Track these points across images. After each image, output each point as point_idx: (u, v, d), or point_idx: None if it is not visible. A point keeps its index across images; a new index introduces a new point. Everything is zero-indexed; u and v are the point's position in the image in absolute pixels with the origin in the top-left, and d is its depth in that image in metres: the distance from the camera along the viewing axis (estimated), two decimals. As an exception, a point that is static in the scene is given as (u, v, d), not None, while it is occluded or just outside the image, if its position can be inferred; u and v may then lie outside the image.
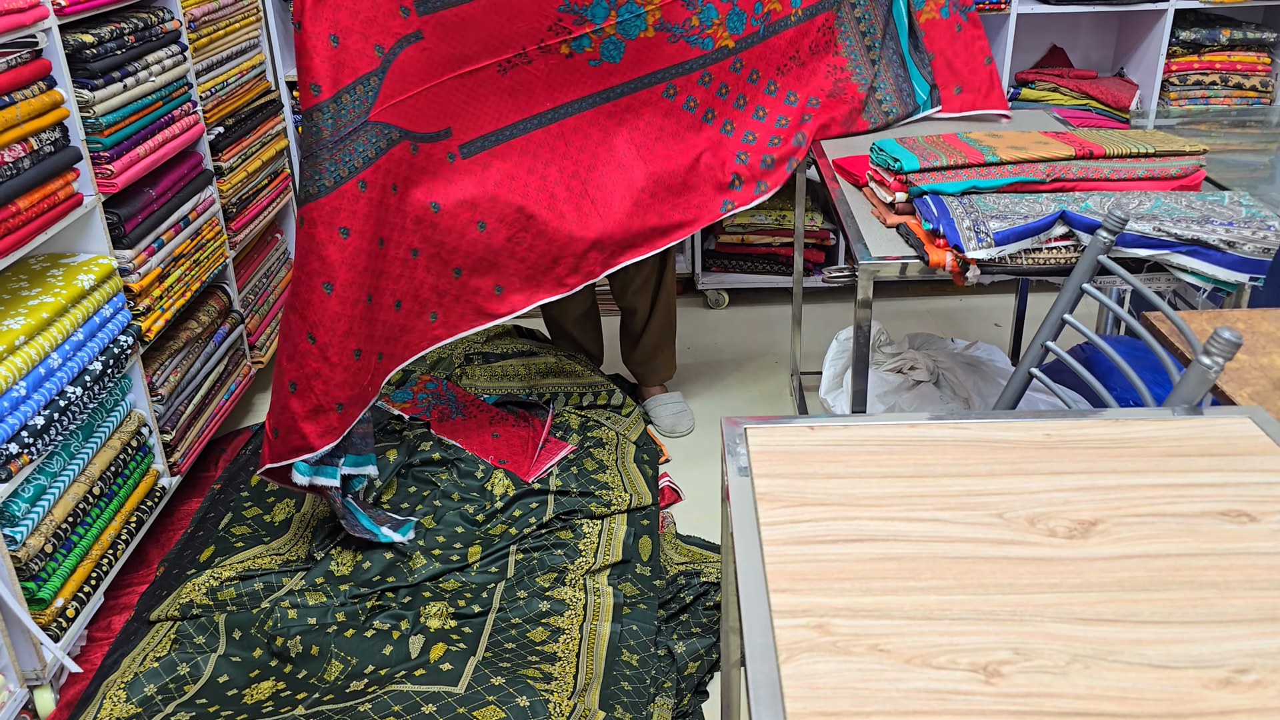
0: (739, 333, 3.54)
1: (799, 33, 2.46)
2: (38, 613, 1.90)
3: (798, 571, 1.00)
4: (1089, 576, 0.98)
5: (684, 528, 2.50)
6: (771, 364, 3.30)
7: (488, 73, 2.18)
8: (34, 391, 1.88)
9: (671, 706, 1.93)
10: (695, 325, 3.59)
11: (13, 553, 1.85)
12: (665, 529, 2.47)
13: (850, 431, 1.25)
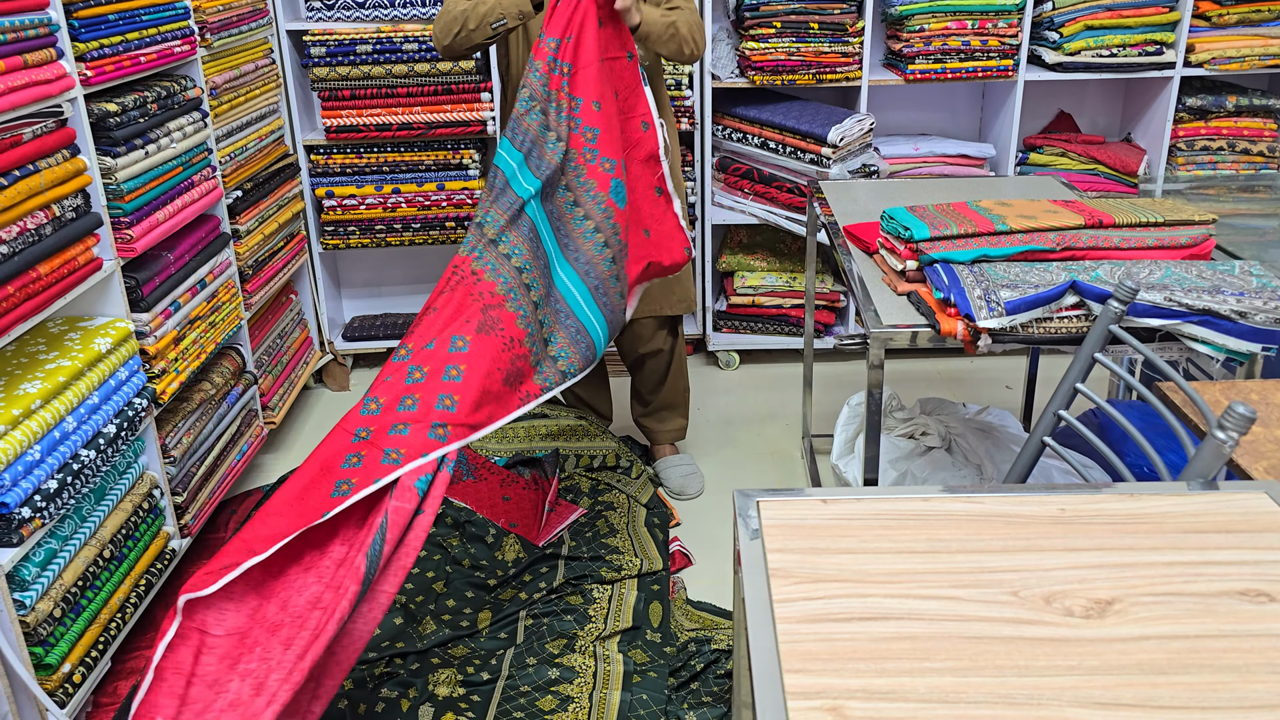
0: (750, 394, 3.54)
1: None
2: (44, 678, 1.89)
3: (810, 651, 0.99)
4: (1107, 658, 0.97)
5: (695, 593, 2.47)
6: (783, 426, 3.29)
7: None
8: (48, 455, 1.89)
9: (682, 779, 1.90)
10: (706, 386, 3.59)
11: (22, 618, 1.84)
12: (676, 594, 2.45)
13: (863, 505, 1.24)
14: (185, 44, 2.53)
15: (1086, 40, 3.34)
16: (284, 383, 3.17)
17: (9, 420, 1.79)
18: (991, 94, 3.72)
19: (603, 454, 2.94)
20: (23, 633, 1.84)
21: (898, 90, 3.74)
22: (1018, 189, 2.63)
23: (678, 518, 2.78)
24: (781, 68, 3.32)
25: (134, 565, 2.21)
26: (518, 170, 2.09)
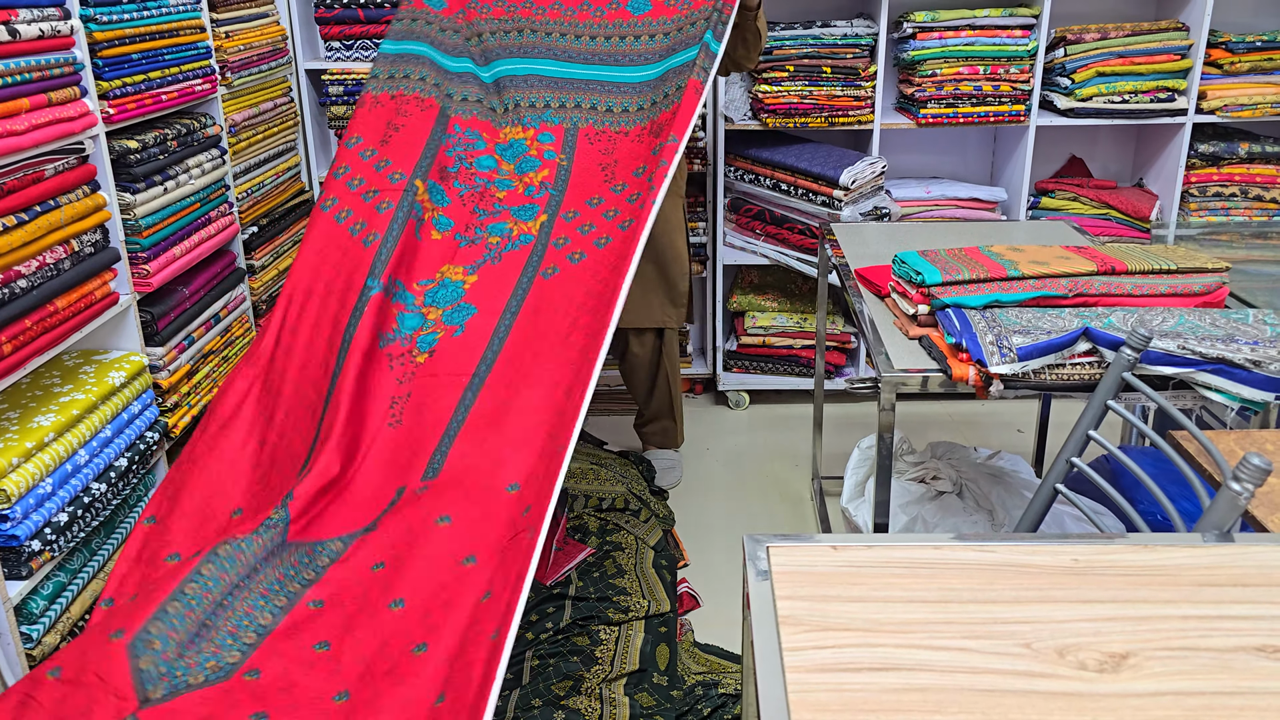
0: (760, 434, 3.53)
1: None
2: (49, 713, 1.88)
3: (821, 701, 0.98)
4: (1122, 714, 0.96)
5: (703, 635, 2.45)
6: (792, 467, 3.28)
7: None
8: (59, 488, 1.90)
9: (688, 827, 1.87)
10: (716, 426, 3.59)
11: (28, 650, 1.84)
12: (683, 637, 2.43)
13: (874, 552, 1.23)
14: (206, 83, 2.56)
15: (1099, 86, 3.37)
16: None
17: (22, 453, 1.80)
18: (1003, 138, 3.74)
19: (611, 497, 2.94)
20: (29, 666, 1.83)
21: (909, 134, 3.76)
22: (1029, 233, 2.63)
23: (686, 559, 2.77)
24: (794, 110, 3.35)
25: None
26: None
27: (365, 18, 3.27)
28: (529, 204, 2.30)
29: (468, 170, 2.34)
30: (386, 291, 2.15)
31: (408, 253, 2.22)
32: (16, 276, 1.80)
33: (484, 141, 2.40)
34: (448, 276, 2.21)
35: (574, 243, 2.21)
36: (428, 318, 2.16)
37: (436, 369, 2.08)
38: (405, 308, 2.17)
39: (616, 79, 2.43)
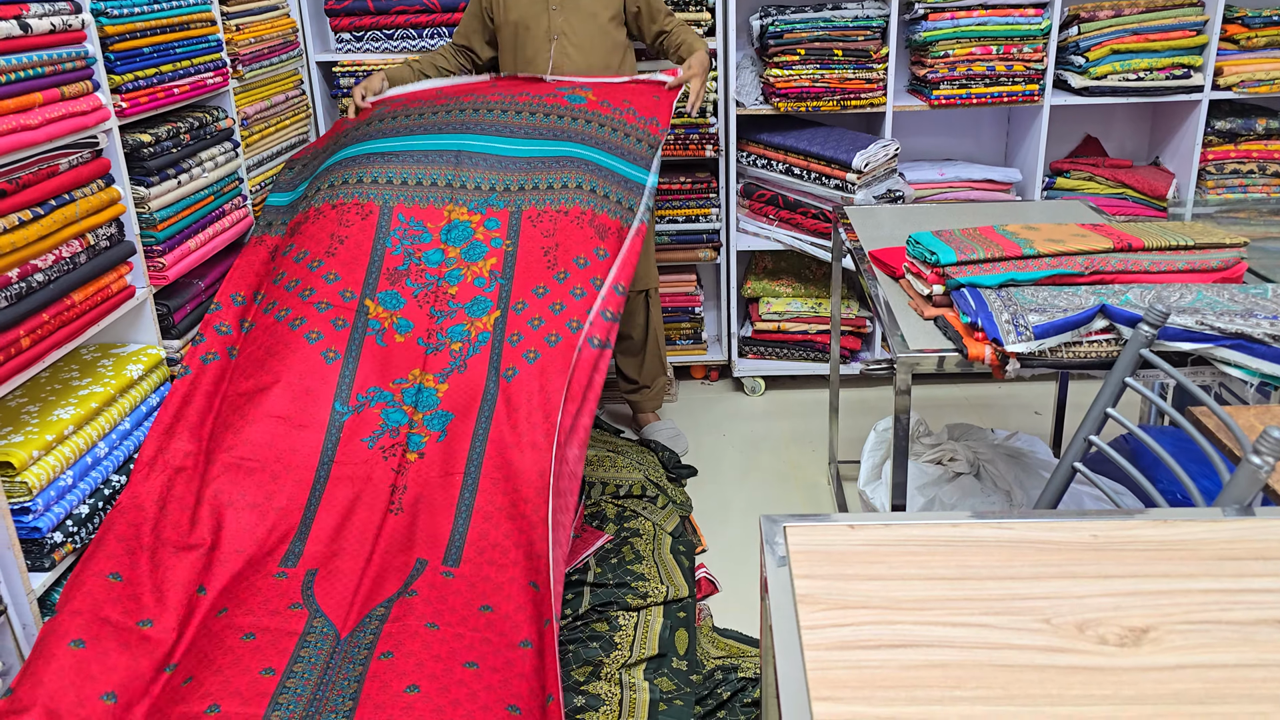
0: (775, 420, 3.52)
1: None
2: (74, 703, 1.90)
3: (839, 679, 0.98)
4: (1143, 688, 0.95)
5: (721, 620, 2.46)
6: (809, 451, 3.27)
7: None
8: (80, 480, 1.91)
9: (709, 809, 1.88)
10: (731, 412, 3.58)
11: (52, 642, 1.85)
12: (702, 621, 2.43)
13: (891, 531, 1.23)
14: (218, 76, 2.57)
15: (1113, 64, 3.33)
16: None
17: (42, 445, 1.81)
18: (1017, 119, 3.71)
19: (628, 484, 2.94)
20: (53, 657, 1.85)
21: (922, 116, 3.74)
22: (1045, 213, 2.61)
23: (704, 544, 2.77)
24: (806, 94, 3.33)
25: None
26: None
27: (375, 9, 3.27)
28: (480, 296, 2.37)
29: (417, 267, 2.41)
30: (357, 408, 2.24)
31: (374, 361, 2.31)
32: (33, 271, 1.81)
33: (429, 233, 2.45)
34: (421, 383, 2.29)
35: (527, 339, 2.29)
36: (412, 418, 2.25)
37: (428, 468, 2.18)
38: (386, 405, 2.26)
39: (557, 153, 2.55)
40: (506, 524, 2.05)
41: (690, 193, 3.52)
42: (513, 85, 2.79)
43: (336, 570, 2.02)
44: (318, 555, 2.05)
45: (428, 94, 2.81)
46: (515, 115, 2.61)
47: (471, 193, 2.50)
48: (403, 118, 2.66)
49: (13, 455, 1.76)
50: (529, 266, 2.39)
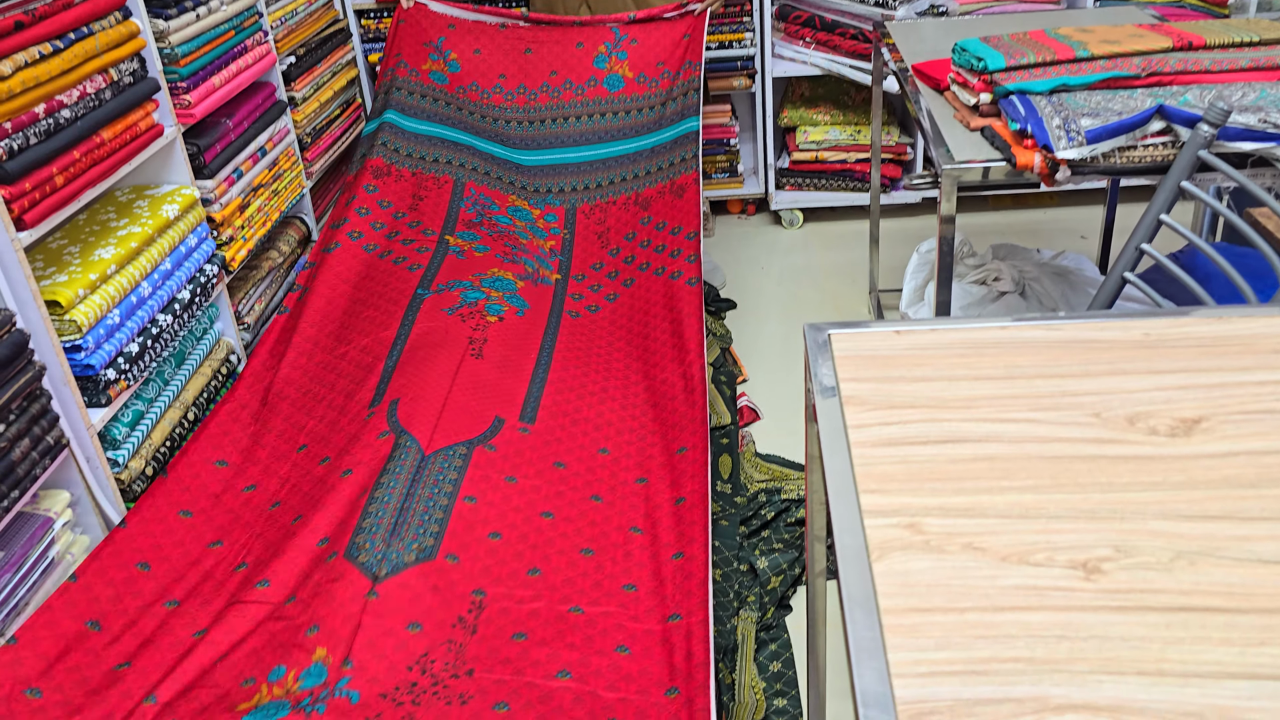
0: (814, 252, 3.48)
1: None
2: (142, 532, 1.98)
3: (887, 473, 0.99)
4: (1193, 474, 0.95)
5: (763, 446, 2.49)
6: (848, 282, 3.24)
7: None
8: (127, 319, 1.94)
9: (755, 620, 1.94)
10: (769, 245, 3.54)
11: (117, 475, 1.92)
12: (745, 447, 2.47)
13: (938, 335, 1.21)
14: (228, -98, 2.46)
15: None
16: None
17: (87, 284, 1.83)
18: (1070, -76, 3.49)
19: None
20: (119, 489, 1.92)
21: (969, -76, 3.52)
22: (1099, 19, 2.48)
23: (745, 375, 2.78)
24: (844, -97, 3.14)
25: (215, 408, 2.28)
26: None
27: None
28: (545, 260, 2.71)
29: (489, 223, 2.77)
30: (438, 291, 2.47)
31: (454, 265, 2.58)
32: (59, 107, 1.78)
33: (496, 205, 2.84)
34: (500, 275, 2.57)
35: (587, 298, 2.60)
36: (489, 295, 2.48)
37: (507, 332, 2.37)
38: (466, 289, 2.49)
39: (605, 155, 2.92)
40: (576, 401, 2.22)
41: (723, 17, 3.38)
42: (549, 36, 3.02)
43: (418, 395, 2.13)
44: (400, 388, 2.17)
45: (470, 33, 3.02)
46: (564, 124, 2.95)
47: (530, 193, 2.90)
48: (468, 114, 2.97)
49: (59, 294, 1.78)
50: (585, 249, 2.74)
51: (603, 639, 1.65)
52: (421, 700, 1.53)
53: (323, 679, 1.57)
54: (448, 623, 1.67)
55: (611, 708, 1.52)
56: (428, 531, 1.82)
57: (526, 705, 1.52)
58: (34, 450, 1.68)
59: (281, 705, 1.54)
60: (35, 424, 1.69)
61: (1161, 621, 0.79)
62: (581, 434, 2.13)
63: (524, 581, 1.76)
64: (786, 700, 1.79)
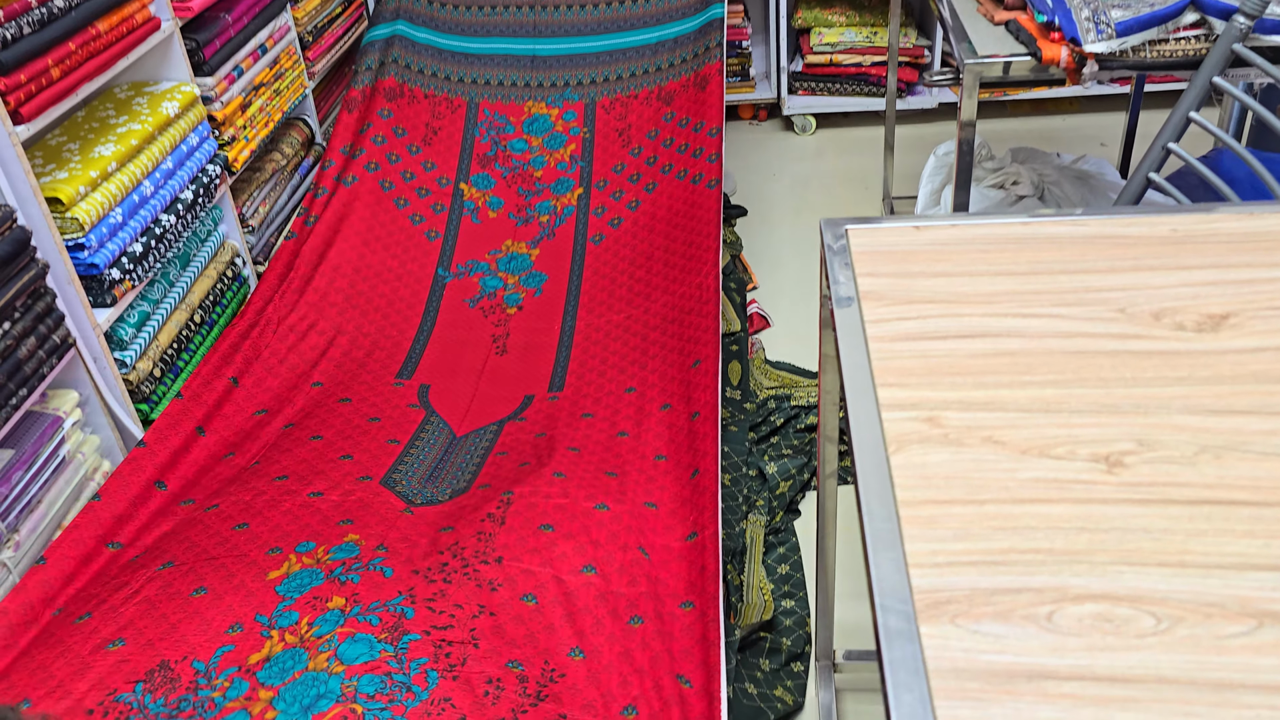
0: (827, 159, 3.41)
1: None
2: (152, 433, 1.98)
3: (905, 367, 0.97)
4: (1220, 369, 0.93)
5: (773, 353, 2.47)
6: (862, 190, 3.18)
7: None
8: (129, 219, 1.91)
9: (764, 524, 1.95)
10: (781, 151, 3.47)
11: (124, 376, 1.91)
12: (754, 354, 2.45)
13: (958, 231, 1.18)
14: None
15: None
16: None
17: (88, 182, 1.80)
18: None
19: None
20: (127, 390, 1.92)
21: None
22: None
23: (755, 282, 2.75)
24: None
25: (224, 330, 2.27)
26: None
27: None
28: (564, 178, 2.63)
29: (504, 153, 2.68)
30: (458, 275, 2.48)
31: (470, 236, 2.56)
32: (53, -3, 1.73)
33: (512, 125, 2.73)
34: (514, 250, 2.54)
35: (610, 210, 2.57)
36: (506, 281, 2.48)
37: (527, 319, 2.39)
38: (484, 274, 2.50)
39: (626, 44, 2.76)
40: (601, 352, 2.24)
41: (738, -89, 3.26)
42: None
43: (448, 388, 2.21)
44: (429, 375, 2.24)
45: None
46: (580, 10, 2.79)
47: (548, 90, 2.77)
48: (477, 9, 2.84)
49: (60, 190, 1.75)
50: (606, 149, 2.66)
51: (627, 536, 1.68)
52: (453, 579, 1.57)
53: (355, 554, 1.61)
54: (478, 519, 1.71)
55: (635, 604, 1.54)
56: (461, 480, 1.89)
57: (554, 601, 1.55)
58: (40, 349, 1.67)
59: (314, 573, 1.58)
60: (41, 322, 1.67)
61: (1184, 514, 0.78)
62: (608, 381, 2.16)
63: (549, 481, 1.79)
64: (794, 601, 1.80)
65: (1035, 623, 0.71)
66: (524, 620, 1.51)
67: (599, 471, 1.85)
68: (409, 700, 1.37)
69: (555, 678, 1.44)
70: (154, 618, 1.53)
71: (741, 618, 1.74)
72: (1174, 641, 0.69)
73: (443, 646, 1.45)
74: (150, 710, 1.40)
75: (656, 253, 2.43)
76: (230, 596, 1.55)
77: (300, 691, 1.39)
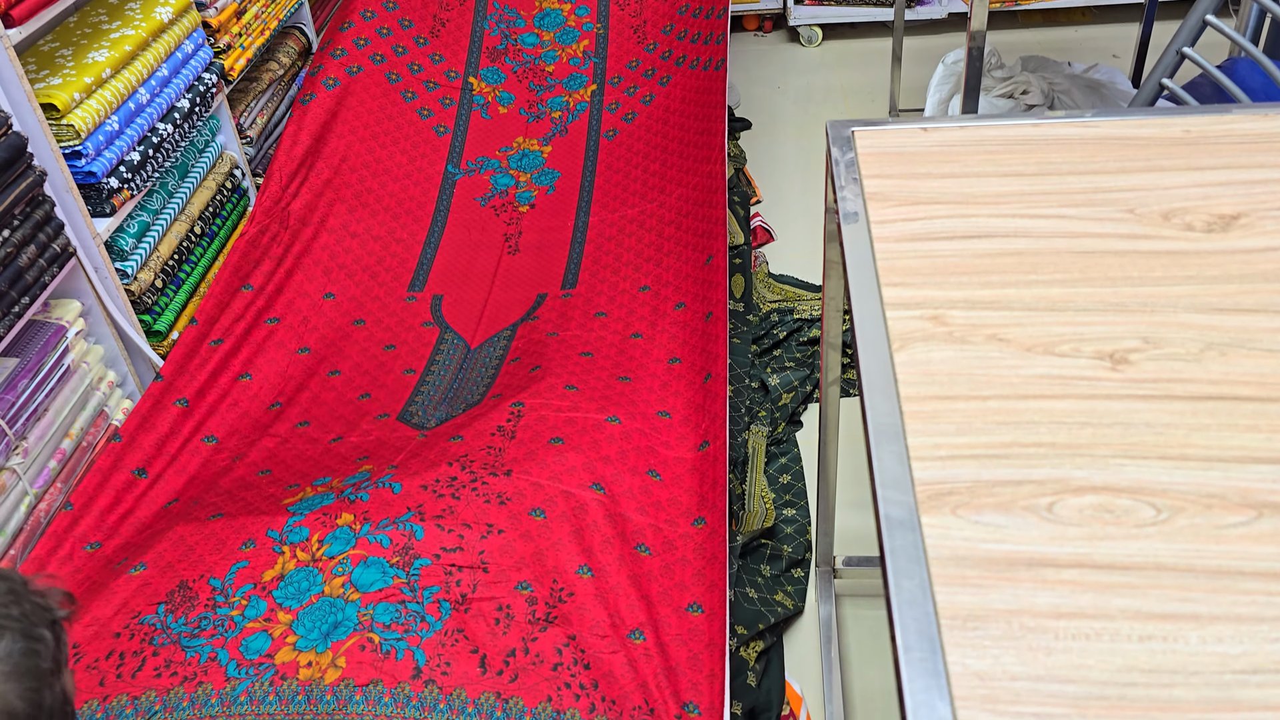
0: (833, 71, 3.35)
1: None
2: (156, 344, 1.98)
3: (910, 267, 0.96)
4: (1228, 268, 0.92)
5: (776, 267, 2.46)
6: (868, 103, 3.13)
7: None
8: (126, 127, 1.88)
9: (766, 435, 1.96)
10: (786, 64, 3.40)
11: (126, 286, 1.91)
12: (758, 268, 2.44)
13: (966, 132, 1.16)
14: None
15: None
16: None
17: (82, 88, 1.77)
18: None
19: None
20: (129, 300, 1.91)
21: None
22: None
23: (759, 195, 2.72)
24: None
25: (225, 242, 2.25)
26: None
27: None
28: (576, 74, 2.57)
29: (514, 47, 2.62)
30: (468, 172, 2.43)
31: (480, 132, 2.50)
32: (40, -106, 1.68)
33: (522, 19, 2.66)
34: (525, 147, 2.50)
35: (624, 105, 2.52)
36: (518, 179, 2.44)
37: (540, 216, 2.35)
38: (495, 172, 2.45)
39: None
40: (615, 249, 2.23)
41: None
42: None
43: (461, 298, 2.19)
44: (441, 284, 2.22)
45: None
46: None
47: None
48: None
49: (54, 97, 1.72)
50: (620, 45, 2.60)
51: (636, 457, 1.67)
52: (461, 495, 1.57)
53: (366, 477, 1.62)
54: (487, 432, 1.71)
55: (641, 532, 1.54)
56: (475, 391, 1.91)
57: (562, 516, 1.54)
58: (41, 257, 1.66)
59: (325, 496, 1.58)
60: (40, 230, 1.66)
61: (1188, 409, 0.78)
62: (622, 279, 2.14)
63: (561, 394, 1.79)
64: (795, 510, 1.82)
65: (1035, 513, 0.71)
66: (532, 537, 1.51)
67: (611, 378, 1.85)
68: (424, 630, 1.39)
69: (564, 597, 1.45)
70: (173, 541, 1.55)
71: (743, 525, 1.77)
72: (1173, 531, 0.69)
73: (453, 573, 1.45)
74: (173, 630, 1.42)
75: (671, 145, 2.40)
76: (244, 518, 1.57)
77: (319, 617, 1.40)
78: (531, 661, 1.36)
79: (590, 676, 1.35)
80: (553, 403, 1.77)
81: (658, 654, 1.38)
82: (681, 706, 1.33)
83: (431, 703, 1.32)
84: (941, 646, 0.63)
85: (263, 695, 1.35)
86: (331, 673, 1.36)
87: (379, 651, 1.36)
